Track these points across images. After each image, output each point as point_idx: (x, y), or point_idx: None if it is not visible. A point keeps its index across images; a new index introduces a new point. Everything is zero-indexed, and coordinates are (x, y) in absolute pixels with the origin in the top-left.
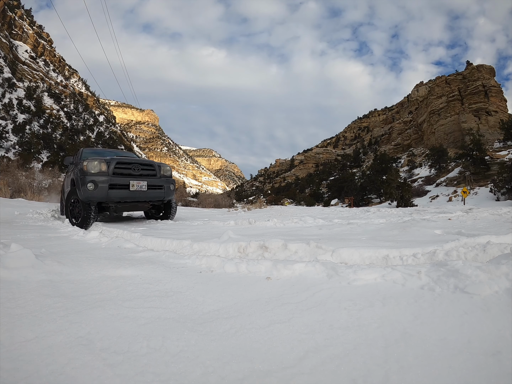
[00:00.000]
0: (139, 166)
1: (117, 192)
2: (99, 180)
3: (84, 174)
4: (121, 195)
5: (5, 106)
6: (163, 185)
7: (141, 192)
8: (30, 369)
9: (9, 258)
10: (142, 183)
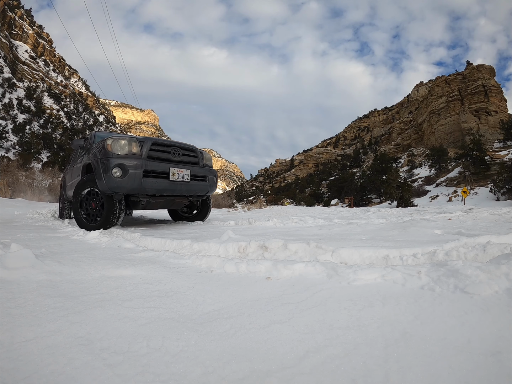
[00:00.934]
0: (180, 150)
1: (153, 182)
2: (130, 164)
3: (108, 156)
4: (159, 186)
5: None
6: (207, 176)
7: (182, 183)
8: (30, 369)
9: (9, 258)
10: (184, 171)
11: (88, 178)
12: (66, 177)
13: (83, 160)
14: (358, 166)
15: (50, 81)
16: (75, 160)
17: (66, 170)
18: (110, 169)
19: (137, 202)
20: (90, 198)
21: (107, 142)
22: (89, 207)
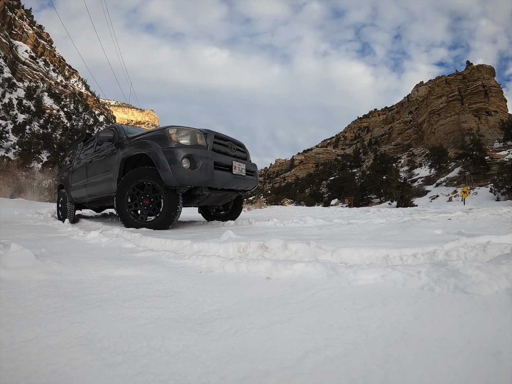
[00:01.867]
0: (234, 145)
1: (221, 175)
2: (200, 155)
3: (174, 146)
4: (225, 179)
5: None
6: (255, 171)
7: (240, 178)
8: (30, 369)
9: (9, 258)
10: (242, 166)
11: (139, 172)
12: (70, 176)
13: (118, 154)
14: (358, 166)
15: (50, 81)
16: (77, 158)
17: (64, 170)
18: (179, 159)
19: (196, 197)
20: (141, 193)
21: (170, 132)
22: (139, 204)
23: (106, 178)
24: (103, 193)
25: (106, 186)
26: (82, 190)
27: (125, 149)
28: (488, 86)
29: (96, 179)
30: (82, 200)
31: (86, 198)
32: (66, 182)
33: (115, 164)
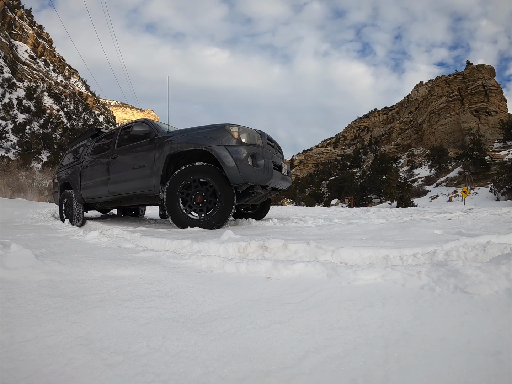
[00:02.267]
0: (277, 147)
1: (276, 174)
2: (262, 154)
3: (240, 144)
4: (277, 178)
5: (5, 106)
6: (290, 171)
7: (285, 177)
8: (30, 369)
9: (9, 258)
10: (286, 166)
11: (193, 168)
12: (79, 174)
13: (163, 150)
14: (358, 166)
15: (50, 81)
16: (88, 154)
17: (68, 167)
18: (245, 157)
19: (248, 194)
20: (194, 191)
21: (231, 129)
22: (192, 201)
23: (141, 174)
24: (135, 191)
25: (140, 183)
26: (99, 188)
27: (170, 144)
28: (488, 86)
29: (124, 176)
30: (97, 199)
31: (105, 197)
32: (74, 180)
33: (156, 160)
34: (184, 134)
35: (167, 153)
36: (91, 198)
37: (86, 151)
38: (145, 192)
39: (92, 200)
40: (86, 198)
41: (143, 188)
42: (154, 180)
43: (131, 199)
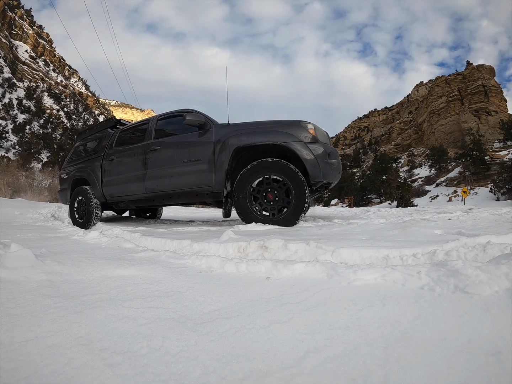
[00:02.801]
0: None
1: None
2: (336, 153)
3: (319, 142)
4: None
5: (5, 106)
6: None
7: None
8: (30, 369)
9: (9, 258)
10: None
11: (265, 164)
12: (101, 169)
13: (230, 143)
14: (358, 166)
15: (50, 81)
16: (110, 147)
17: (84, 161)
18: (326, 155)
19: (315, 192)
20: (265, 188)
21: (308, 126)
22: (263, 199)
23: (194, 169)
24: (184, 187)
25: (193, 179)
26: (131, 184)
27: (238, 136)
28: (488, 86)
29: (170, 171)
30: (125, 197)
31: (139, 194)
32: (92, 175)
33: (218, 153)
34: (251, 128)
35: (234, 146)
36: (117, 195)
37: (106, 142)
38: (198, 188)
39: (118, 198)
40: (110, 195)
41: (196, 185)
42: (215, 175)
43: (176, 197)
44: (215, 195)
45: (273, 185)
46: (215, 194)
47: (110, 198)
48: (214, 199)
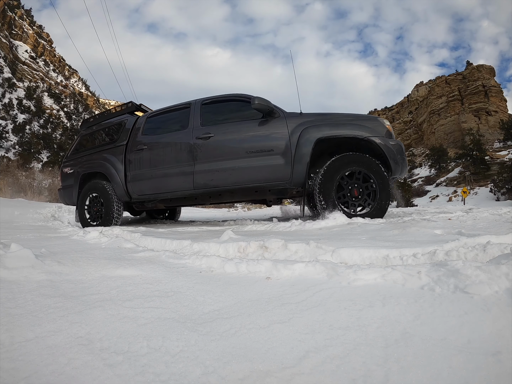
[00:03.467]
0: None
1: None
2: None
3: (394, 139)
4: None
5: (5, 106)
6: None
7: None
8: (30, 369)
9: (9, 258)
10: None
11: (349, 158)
12: (127, 161)
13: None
14: None
15: (50, 81)
16: (136, 136)
17: (97, 152)
18: (403, 151)
19: None
20: (349, 183)
21: (386, 123)
22: (347, 193)
23: (266, 161)
24: (252, 182)
25: (264, 172)
26: (174, 179)
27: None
28: (488, 86)
29: (231, 164)
30: (161, 195)
31: (184, 191)
32: (112, 169)
33: (296, 144)
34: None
35: (316, 137)
36: (149, 193)
37: (128, 130)
38: (268, 183)
39: (149, 196)
40: (138, 193)
41: (267, 179)
42: (293, 168)
43: (228, 194)
44: (282, 192)
45: (358, 180)
46: (283, 190)
47: (138, 196)
48: (278, 196)
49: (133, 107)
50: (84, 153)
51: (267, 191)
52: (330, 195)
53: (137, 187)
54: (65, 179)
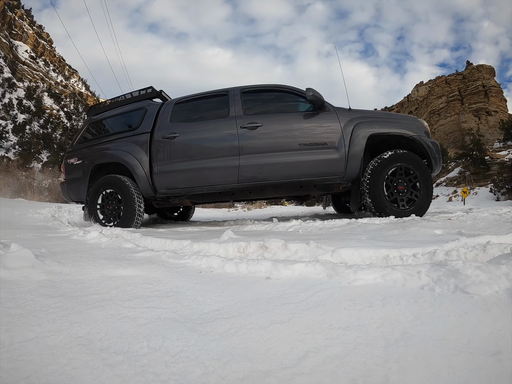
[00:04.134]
0: None
1: None
2: None
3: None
4: None
5: (5, 106)
6: None
7: None
8: (30, 369)
9: (9, 258)
10: None
11: (397, 155)
12: (150, 150)
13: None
14: None
15: (50, 81)
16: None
17: (112, 141)
18: (440, 150)
19: None
20: (394, 179)
21: (424, 123)
22: (393, 189)
23: (320, 155)
24: (303, 176)
25: (318, 167)
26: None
27: (370, 123)
28: (488, 86)
29: (286, 155)
30: (196, 189)
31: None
32: (135, 160)
33: (351, 139)
34: (377, 116)
35: (369, 133)
36: (182, 187)
37: (152, 116)
38: (320, 178)
39: (182, 190)
40: (167, 187)
41: (320, 174)
42: (348, 163)
43: (271, 189)
44: (328, 187)
45: (403, 176)
46: (329, 186)
47: (167, 190)
48: (323, 192)
49: (154, 92)
50: (94, 141)
51: (312, 187)
52: (379, 191)
53: (166, 180)
54: (70, 171)
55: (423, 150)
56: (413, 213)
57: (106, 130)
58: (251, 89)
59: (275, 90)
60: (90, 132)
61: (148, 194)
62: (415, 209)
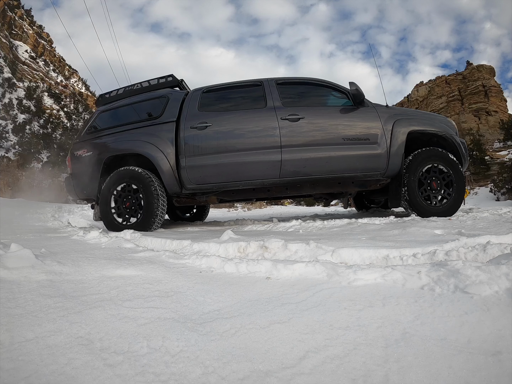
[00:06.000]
0: None
1: None
2: None
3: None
4: None
5: (5, 106)
6: None
7: None
8: (30, 369)
9: (9, 258)
10: None
11: (431, 153)
12: (178, 141)
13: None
14: None
15: (50, 81)
16: (191, 110)
17: (129, 130)
18: (467, 149)
19: None
20: (428, 177)
21: (454, 123)
22: (427, 187)
23: (363, 150)
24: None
25: (362, 162)
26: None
27: (409, 120)
28: (488, 86)
29: (331, 149)
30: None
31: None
32: (161, 152)
33: (391, 134)
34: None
35: (408, 129)
36: (215, 182)
37: (176, 104)
38: (363, 173)
39: (215, 185)
40: (199, 182)
41: (363, 169)
42: (389, 159)
43: (309, 185)
44: (365, 184)
45: (437, 174)
46: (366, 183)
47: (196, 185)
48: (360, 188)
49: (175, 81)
50: (107, 131)
51: (350, 183)
52: (414, 189)
53: (197, 174)
54: (77, 164)
55: (453, 148)
56: (444, 212)
57: (121, 119)
58: (285, 80)
59: (310, 83)
60: (102, 121)
61: (172, 190)
62: (446, 207)
